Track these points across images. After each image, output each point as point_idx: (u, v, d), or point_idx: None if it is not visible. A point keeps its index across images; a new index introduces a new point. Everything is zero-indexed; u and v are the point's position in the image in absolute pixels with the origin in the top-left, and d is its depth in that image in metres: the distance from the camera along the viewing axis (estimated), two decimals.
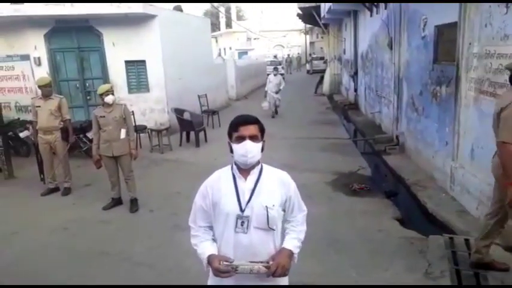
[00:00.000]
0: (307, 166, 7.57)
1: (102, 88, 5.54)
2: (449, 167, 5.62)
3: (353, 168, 7.31)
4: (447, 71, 5.80)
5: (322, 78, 21.95)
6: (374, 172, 7.33)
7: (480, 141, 4.80)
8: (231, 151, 2.09)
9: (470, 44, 5.00)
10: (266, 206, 2.02)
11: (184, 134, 9.82)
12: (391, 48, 8.91)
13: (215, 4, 35.58)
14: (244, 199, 2.03)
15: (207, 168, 8.00)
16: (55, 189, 6.52)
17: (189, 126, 9.67)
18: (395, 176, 7.05)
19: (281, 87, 13.59)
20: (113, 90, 5.62)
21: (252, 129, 2.06)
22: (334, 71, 21.11)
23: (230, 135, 2.10)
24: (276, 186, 2.12)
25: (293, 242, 2.14)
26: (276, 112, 13.60)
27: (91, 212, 5.63)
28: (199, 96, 12.13)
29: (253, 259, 1.98)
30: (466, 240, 4.23)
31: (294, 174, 7.18)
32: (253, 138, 2.04)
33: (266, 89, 13.51)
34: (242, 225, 2.02)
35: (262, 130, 2.13)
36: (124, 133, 5.55)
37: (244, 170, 2.09)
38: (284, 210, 2.17)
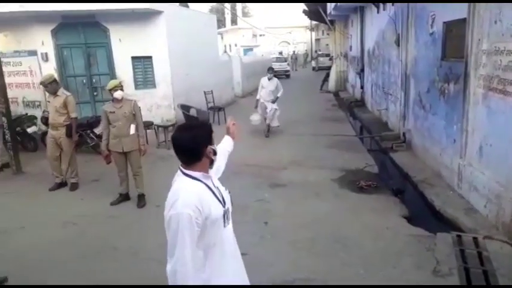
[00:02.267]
0: (314, 163, 7.57)
1: (111, 83, 5.56)
2: (457, 164, 5.59)
3: (360, 165, 7.30)
4: (455, 67, 5.76)
5: (327, 75, 21.87)
6: (381, 169, 7.30)
7: (489, 139, 4.77)
8: (215, 154, 2.12)
9: (479, 40, 4.96)
10: (226, 189, 2.23)
11: None
12: (398, 45, 8.85)
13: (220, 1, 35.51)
14: (219, 194, 2.11)
15: None
16: (62, 184, 6.54)
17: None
18: (403, 174, 7.02)
19: (278, 95, 10.01)
20: (122, 86, 5.63)
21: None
22: (340, 68, 21.01)
23: (205, 145, 2.05)
24: (212, 171, 2.23)
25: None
26: (268, 130, 10.05)
27: (99, 207, 5.66)
28: (205, 93, 12.13)
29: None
30: (474, 239, 4.21)
31: (301, 170, 7.25)
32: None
33: (258, 97, 10.06)
34: (227, 218, 2.13)
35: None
36: (134, 129, 5.57)
37: None
38: None
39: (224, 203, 2.11)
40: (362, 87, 14.86)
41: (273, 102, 9.88)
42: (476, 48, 5.06)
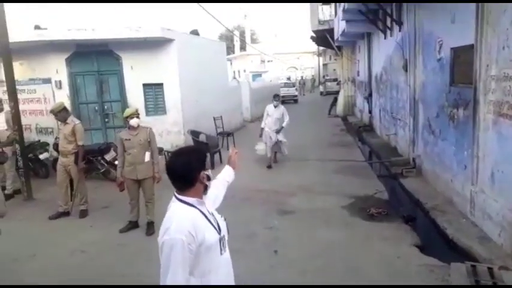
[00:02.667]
0: (324, 189, 7.52)
1: (128, 111, 5.66)
2: (468, 191, 5.51)
3: (370, 191, 7.23)
4: (464, 93, 5.76)
5: (335, 99, 21.98)
6: (391, 196, 7.22)
7: (500, 165, 4.71)
8: (209, 179, 2.12)
9: (487, 66, 4.97)
10: (222, 216, 2.23)
11: None
12: (406, 70, 8.91)
13: (230, 28, 36.26)
14: (214, 221, 2.11)
15: None
16: (65, 213, 6.48)
17: (204, 148, 9.74)
18: (413, 200, 6.93)
19: (284, 124, 9.37)
20: (138, 114, 5.70)
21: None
22: (347, 93, 21.13)
23: (199, 171, 2.07)
24: (207, 199, 2.23)
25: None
26: (275, 161, 9.73)
27: (108, 235, 5.65)
28: (214, 118, 12.25)
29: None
30: (490, 269, 4.09)
31: (310, 197, 7.19)
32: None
33: (262, 125, 9.50)
34: (223, 245, 2.13)
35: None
36: (148, 156, 5.62)
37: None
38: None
39: (220, 230, 2.11)
40: (370, 112, 14.88)
41: (278, 132, 9.27)
42: (484, 74, 5.07)
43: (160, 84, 10.36)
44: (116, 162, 6.06)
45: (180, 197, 2.06)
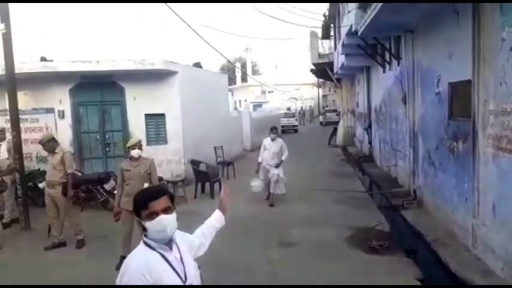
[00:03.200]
0: (324, 220, 7.47)
1: (131, 142, 5.71)
2: (470, 223, 5.47)
3: (370, 223, 7.16)
4: (463, 126, 5.83)
5: (335, 129, 22.15)
6: (392, 227, 7.15)
7: (501, 199, 4.71)
8: (144, 229, 1.98)
9: (485, 101, 5.06)
10: (197, 265, 2.13)
11: (199, 185, 9.86)
12: (405, 103, 9.04)
13: (232, 60, 37.03)
14: (181, 269, 2.00)
15: None
16: (61, 244, 6.38)
17: (204, 177, 9.74)
18: (415, 232, 6.86)
19: (283, 158, 8.76)
20: (140, 145, 5.71)
21: (162, 202, 1.98)
22: (347, 123, 21.33)
23: (138, 213, 1.98)
24: (182, 243, 2.14)
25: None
26: (271, 198, 8.74)
27: (104, 267, 5.53)
28: (215, 148, 12.31)
29: None
30: None
31: (311, 228, 7.12)
32: (166, 210, 1.97)
33: (259, 159, 8.89)
34: None
35: (172, 198, 2.06)
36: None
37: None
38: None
39: (186, 278, 2.00)
40: (370, 143, 14.96)
41: (277, 166, 8.61)
42: (483, 108, 5.15)
43: (162, 115, 10.48)
44: (115, 192, 6.03)
45: (144, 238, 2.00)
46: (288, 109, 37.01)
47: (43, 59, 9.99)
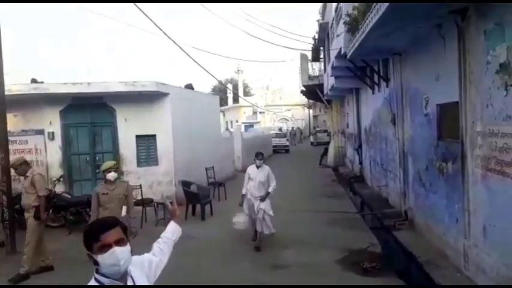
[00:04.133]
0: (316, 242, 7.42)
1: (106, 165, 5.55)
2: (461, 244, 5.48)
3: (363, 244, 7.13)
4: (452, 147, 5.90)
5: (326, 150, 22.29)
6: (384, 249, 7.12)
7: (491, 219, 4.73)
8: (95, 264, 1.85)
9: (473, 122, 5.14)
10: None
11: (190, 206, 9.76)
12: (394, 124, 9.14)
13: (223, 81, 37.36)
14: None
15: (211, 243, 7.78)
16: (48, 268, 6.16)
17: (195, 199, 9.65)
18: (407, 253, 6.84)
19: (270, 189, 7.29)
20: (116, 167, 5.64)
21: (115, 233, 1.86)
22: (338, 144, 21.48)
23: (90, 247, 1.86)
24: (138, 271, 2.05)
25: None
26: (258, 238, 7.24)
27: None
28: (206, 169, 12.25)
29: None
30: None
31: (303, 250, 7.05)
32: (119, 242, 1.86)
33: (243, 191, 7.40)
34: None
35: (124, 229, 1.95)
36: (125, 210, 5.46)
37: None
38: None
39: None
40: (360, 163, 15.05)
41: (263, 199, 7.16)
42: (470, 129, 5.23)
43: (153, 136, 10.46)
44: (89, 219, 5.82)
45: (95, 274, 1.89)
46: (280, 129, 37.23)
47: (34, 81, 9.97)
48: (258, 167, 7.38)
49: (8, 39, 8.72)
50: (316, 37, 19.81)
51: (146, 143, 10.49)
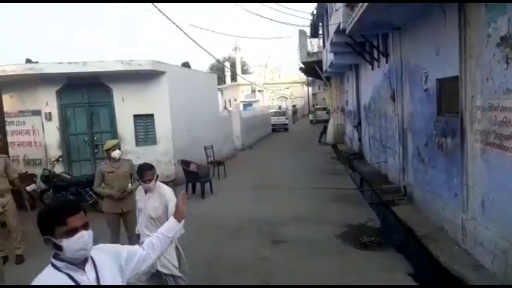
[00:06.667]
0: (316, 218, 7.49)
1: (109, 143, 5.51)
2: (460, 218, 5.52)
3: (362, 219, 7.20)
4: (451, 122, 5.87)
5: (325, 128, 22.25)
6: (383, 224, 7.20)
7: (490, 193, 4.75)
8: (58, 248, 1.75)
9: (473, 97, 5.10)
10: (121, 283, 1.93)
11: (190, 185, 9.81)
12: (394, 100, 9.08)
13: (221, 59, 36.96)
14: None
15: (211, 221, 7.84)
16: (5, 259, 5.69)
17: (195, 177, 9.69)
18: (405, 228, 6.91)
19: (171, 234, 2.36)
20: (119, 146, 5.60)
21: (80, 217, 1.78)
22: (337, 121, 21.42)
23: (50, 230, 1.74)
24: (109, 260, 1.96)
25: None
26: None
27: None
28: (205, 148, 12.26)
29: None
30: None
31: (303, 226, 7.11)
32: (85, 226, 1.79)
33: (137, 227, 4.41)
34: None
35: (85, 212, 1.86)
36: (129, 186, 5.51)
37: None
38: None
39: None
40: (360, 140, 15.03)
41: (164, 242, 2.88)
42: (470, 104, 5.19)
43: (151, 115, 10.40)
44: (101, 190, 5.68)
45: (52, 258, 1.79)
46: (279, 108, 37.07)
47: (28, 61, 9.83)
48: (146, 190, 4.19)
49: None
50: (315, 12, 19.46)
51: (144, 123, 10.44)
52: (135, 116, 10.30)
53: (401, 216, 7.38)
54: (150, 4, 8.61)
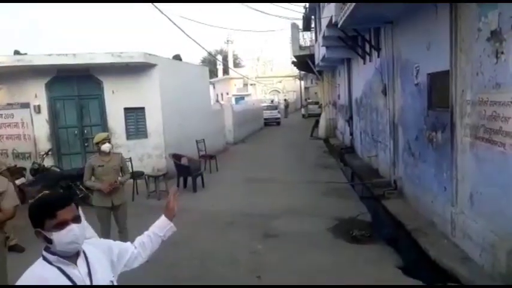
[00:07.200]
0: (308, 211, 7.52)
1: (100, 136, 5.39)
2: (449, 212, 5.58)
3: (353, 213, 7.25)
4: (442, 117, 5.91)
5: (317, 122, 22.29)
6: (374, 217, 7.26)
7: (479, 187, 4.81)
8: (48, 241, 1.73)
9: (463, 91, 5.14)
10: (111, 281, 1.90)
11: (181, 179, 9.78)
12: (385, 95, 9.12)
13: (213, 52, 36.73)
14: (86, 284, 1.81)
15: (203, 215, 7.84)
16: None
17: (186, 171, 9.66)
18: (395, 222, 6.97)
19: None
20: (109, 139, 5.49)
21: (71, 210, 1.76)
22: (329, 116, 21.47)
23: (40, 223, 1.72)
24: (101, 255, 1.94)
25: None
26: None
27: None
28: (197, 142, 12.21)
29: None
30: None
31: (294, 219, 7.14)
32: (76, 219, 1.77)
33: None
34: None
35: (77, 206, 1.83)
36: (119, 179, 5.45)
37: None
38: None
39: None
40: (351, 134, 15.10)
41: None
42: (460, 98, 5.23)
43: (142, 108, 10.32)
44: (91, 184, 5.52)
45: (43, 251, 1.78)
46: (272, 101, 37.02)
47: (17, 52, 9.68)
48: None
49: None
50: (307, 5, 19.41)
51: (135, 116, 10.36)
52: (125, 109, 10.21)
53: (391, 210, 7.44)
54: None
